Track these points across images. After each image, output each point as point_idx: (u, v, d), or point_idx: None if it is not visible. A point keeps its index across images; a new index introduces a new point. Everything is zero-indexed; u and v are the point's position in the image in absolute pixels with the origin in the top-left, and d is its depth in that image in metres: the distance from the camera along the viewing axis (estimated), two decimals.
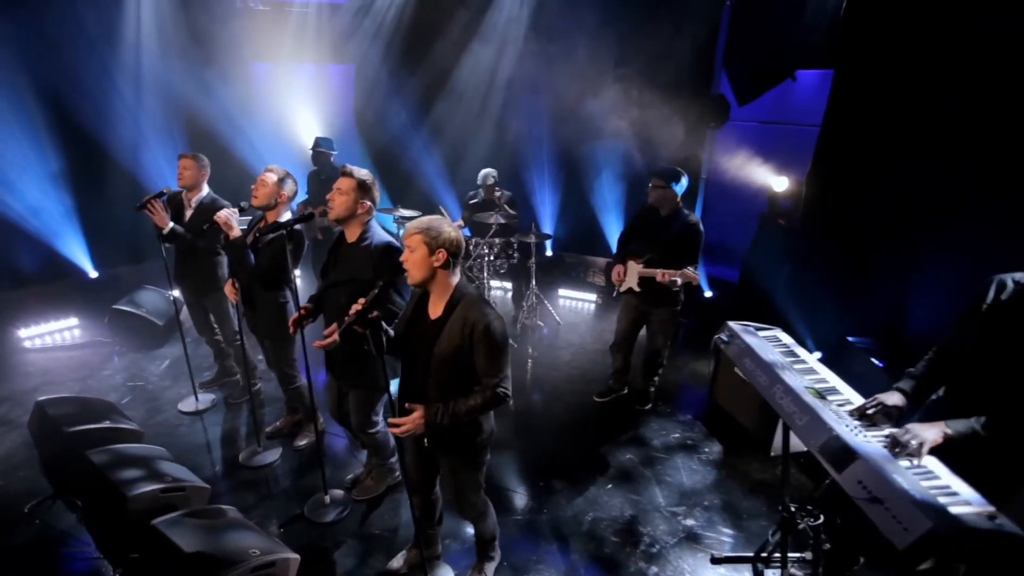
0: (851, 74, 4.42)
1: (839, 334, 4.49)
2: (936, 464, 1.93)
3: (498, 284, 6.50)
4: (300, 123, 7.24)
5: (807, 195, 4.90)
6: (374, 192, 2.78)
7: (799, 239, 5.11)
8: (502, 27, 6.44)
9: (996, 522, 1.67)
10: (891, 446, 1.98)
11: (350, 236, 2.80)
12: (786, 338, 2.96)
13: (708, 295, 6.16)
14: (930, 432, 1.97)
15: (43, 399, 3.51)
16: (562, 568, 2.89)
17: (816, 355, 4.08)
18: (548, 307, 5.89)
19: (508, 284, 6.46)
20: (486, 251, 5.35)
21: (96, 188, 5.93)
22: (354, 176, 2.71)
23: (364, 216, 2.77)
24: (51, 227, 5.75)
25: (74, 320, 5.37)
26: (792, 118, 6.26)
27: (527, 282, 5.73)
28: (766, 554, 2.84)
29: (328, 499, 3.24)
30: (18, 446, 3.71)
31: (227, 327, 4.15)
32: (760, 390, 2.57)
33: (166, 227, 3.66)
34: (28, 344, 5.05)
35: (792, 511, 2.56)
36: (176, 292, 4.19)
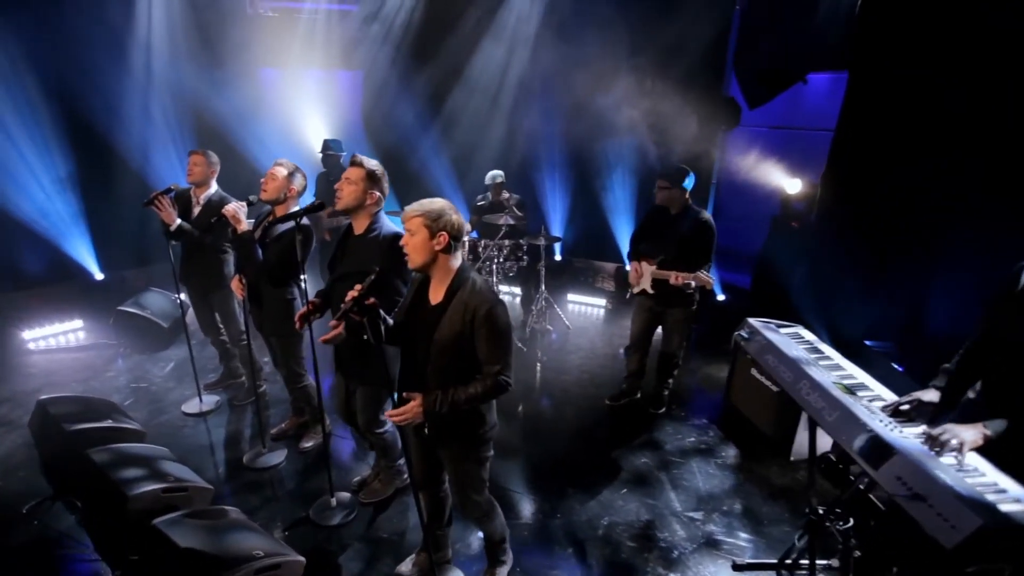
0: (866, 75, 4.37)
1: (857, 338, 4.39)
2: (980, 461, 1.82)
3: (507, 288, 6.43)
4: (309, 128, 7.24)
5: (822, 196, 4.82)
6: (383, 183, 2.72)
7: (814, 241, 5.02)
8: (512, 28, 6.43)
9: None
10: (929, 445, 1.87)
11: (358, 228, 2.74)
12: (808, 335, 2.86)
13: (721, 299, 6.06)
14: (969, 433, 1.87)
15: (45, 398, 3.45)
16: (577, 574, 2.77)
17: None
18: (558, 311, 5.80)
19: (517, 289, 6.39)
20: (495, 253, 5.28)
21: (104, 191, 5.92)
22: (364, 166, 2.65)
23: (373, 207, 2.71)
24: (58, 229, 5.73)
25: (79, 322, 5.33)
26: (802, 123, 6.22)
27: (536, 286, 5.65)
28: (790, 561, 2.73)
29: (334, 502, 3.14)
30: (18, 446, 3.63)
31: (233, 326, 4.08)
32: (784, 386, 2.47)
33: (173, 224, 3.61)
34: (32, 346, 5.00)
35: (820, 514, 2.44)
36: (183, 295, 4.13)
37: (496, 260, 5.27)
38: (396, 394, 2.29)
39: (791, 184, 5.44)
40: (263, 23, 6.85)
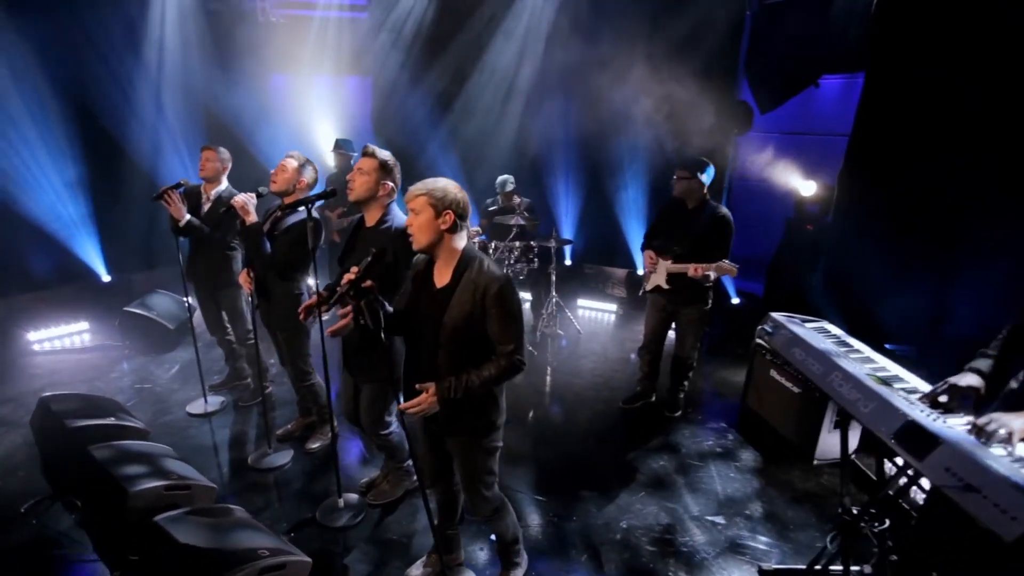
0: (883, 75, 4.31)
1: (876, 342, 4.26)
2: None
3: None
4: (319, 132, 7.24)
5: (839, 197, 4.73)
6: (396, 173, 2.66)
7: (830, 244, 4.92)
8: (522, 33, 6.43)
9: None
10: (976, 435, 1.76)
11: (370, 219, 2.67)
12: (835, 329, 2.77)
13: (735, 301, 5.95)
14: (1018, 422, 1.76)
15: (47, 395, 3.37)
16: None
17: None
18: (569, 315, 5.70)
19: (527, 294, 6.31)
20: (505, 256, 5.20)
21: (113, 193, 5.91)
22: (376, 156, 2.59)
23: (385, 199, 2.64)
24: (66, 231, 5.70)
25: (84, 324, 5.27)
26: (814, 128, 6.16)
27: (547, 290, 5.57)
28: (820, 566, 2.59)
29: (342, 503, 3.03)
30: (18, 446, 3.55)
31: (240, 325, 4.01)
32: (814, 379, 2.36)
33: (182, 219, 3.56)
34: (36, 347, 4.94)
35: (854, 515, 2.32)
36: (191, 299, 4.06)
37: (506, 263, 5.19)
38: (403, 391, 2.21)
39: (805, 186, 5.35)
40: (274, 29, 6.88)
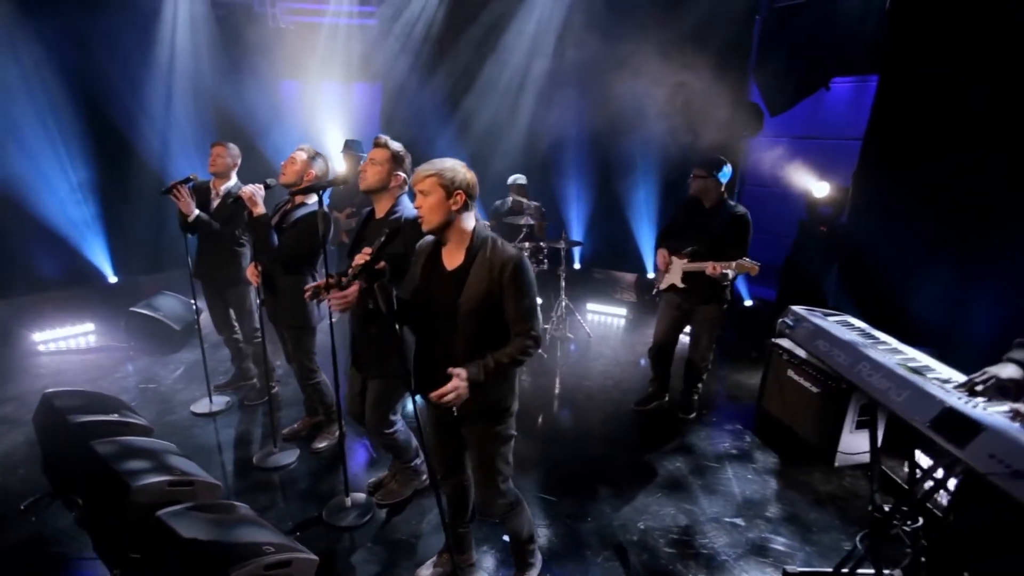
0: (899, 74, 4.25)
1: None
2: None
3: None
4: (328, 138, 7.24)
5: (854, 196, 4.65)
6: (407, 164, 2.61)
7: (846, 245, 4.84)
8: (531, 36, 6.44)
9: None
10: (1021, 422, 1.67)
11: (380, 211, 2.62)
12: (858, 322, 2.67)
13: (748, 304, 5.86)
14: None
15: (51, 391, 3.32)
16: None
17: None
18: (578, 318, 5.62)
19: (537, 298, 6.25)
20: None
21: (121, 195, 5.89)
22: (388, 147, 2.55)
23: (396, 190, 2.60)
24: (74, 232, 5.69)
25: (90, 325, 5.23)
26: (824, 132, 6.11)
27: (556, 293, 5.50)
28: (848, 570, 2.48)
29: (349, 502, 2.94)
30: (20, 444, 3.49)
31: (247, 324, 3.95)
32: (840, 371, 2.27)
33: (191, 214, 3.53)
34: (41, 347, 4.90)
35: (885, 512, 2.21)
36: (197, 302, 4.02)
37: None
38: (414, 379, 2.13)
39: (819, 187, 5.28)
40: (284, 36, 6.92)
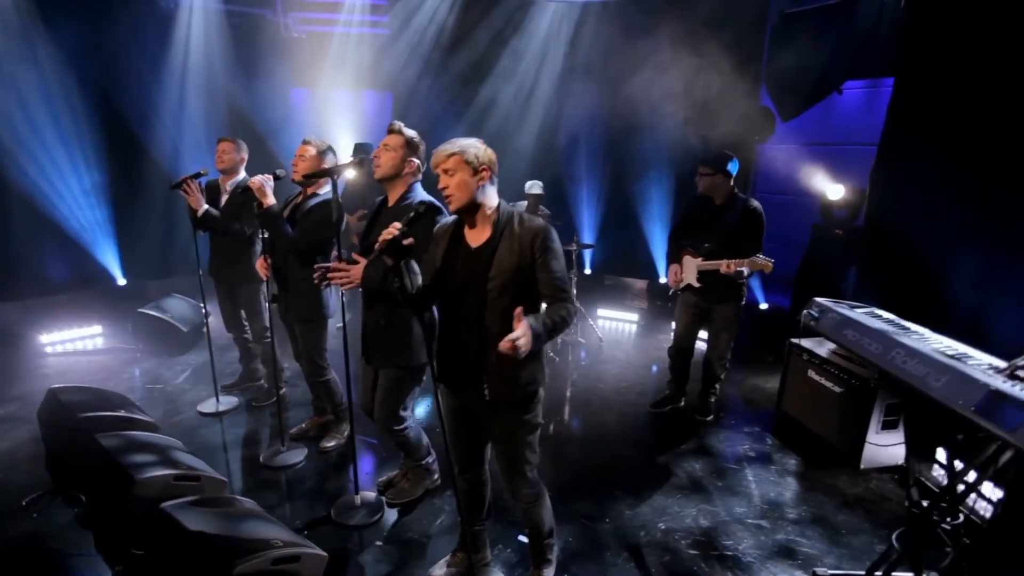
0: (914, 75, 4.20)
1: None
2: None
3: None
4: (339, 143, 7.26)
5: (871, 196, 4.57)
6: (422, 151, 2.57)
7: (864, 248, 4.74)
8: (542, 41, 6.47)
9: None
10: None
11: (392, 198, 2.57)
12: (886, 313, 2.59)
13: (764, 306, 5.76)
14: None
15: (57, 387, 3.26)
16: None
17: None
18: (590, 323, 5.54)
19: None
20: None
21: (132, 200, 5.90)
22: (403, 133, 2.52)
23: (410, 177, 2.55)
24: (85, 236, 5.68)
25: (98, 328, 5.19)
26: (836, 138, 6.07)
27: None
28: (881, 572, 2.36)
29: (359, 500, 2.85)
30: (24, 441, 3.42)
31: (257, 323, 3.89)
32: (872, 359, 2.19)
33: (200, 208, 3.50)
34: (48, 349, 4.86)
35: (924, 507, 2.10)
36: (206, 305, 3.98)
37: None
38: (438, 374, 2.06)
39: (833, 190, 5.22)
40: (295, 44, 6.99)
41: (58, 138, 5.42)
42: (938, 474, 3.07)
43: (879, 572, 2.36)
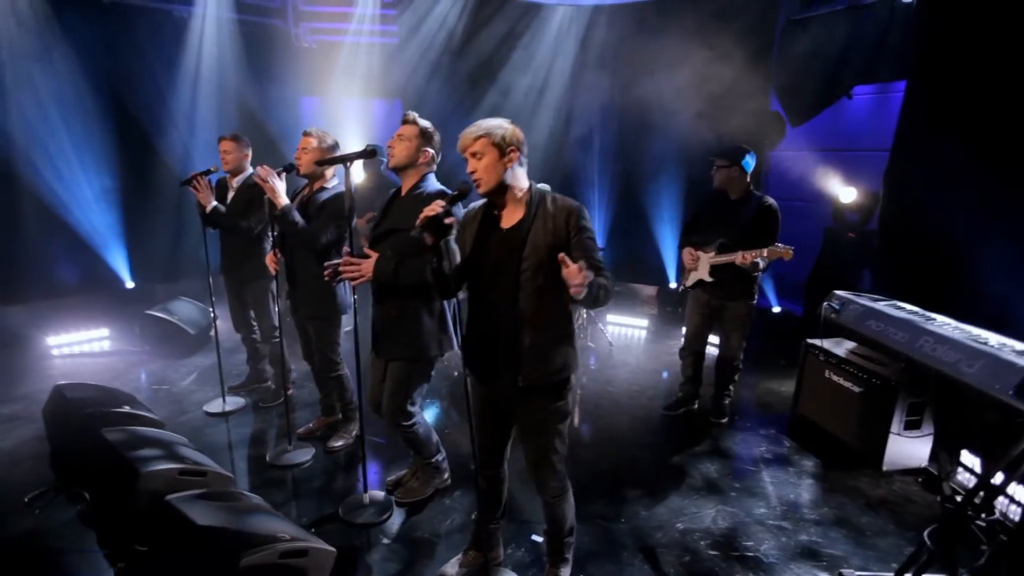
0: (930, 72, 4.17)
1: None
2: None
3: None
4: (349, 149, 7.29)
5: (886, 196, 4.51)
6: (436, 141, 2.55)
7: (880, 251, 4.67)
8: (551, 48, 6.49)
9: None
10: None
11: (405, 187, 2.55)
12: (909, 306, 2.53)
13: (776, 310, 5.68)
14: None
15: (63, 383, 3.22)
16: None
17: None
18: (600, 327, 5.47)
19: None
20: None
21: (143, 204, 5.91)
22: (417, 123, 2.50)
23: (424, 168, 2.53)
24: (95, 240, 5.69)
25: (105, 330, 5.17)
26: (846, 144, 6.03)
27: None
28: (912, 573, 2.26)
29: (367, 499, 2.77)
30: (28, 440, 3.39)
31: (266, 322, 3.85)
32: (899, 348, 2.13)
33: (209, 205, 3.49)
34: (55, 351, 4.84)
35: (957, 501, 2.01)
36: (214, 309, 3.96)
37: None
38: (467, 362, 2.01)
39: (845, 193, 5.17)
40: (305, 54, 7.06)
41: (72, 142, 5.45)
42: (963, 477, 2.98)
43: (909, 574, 2.27)
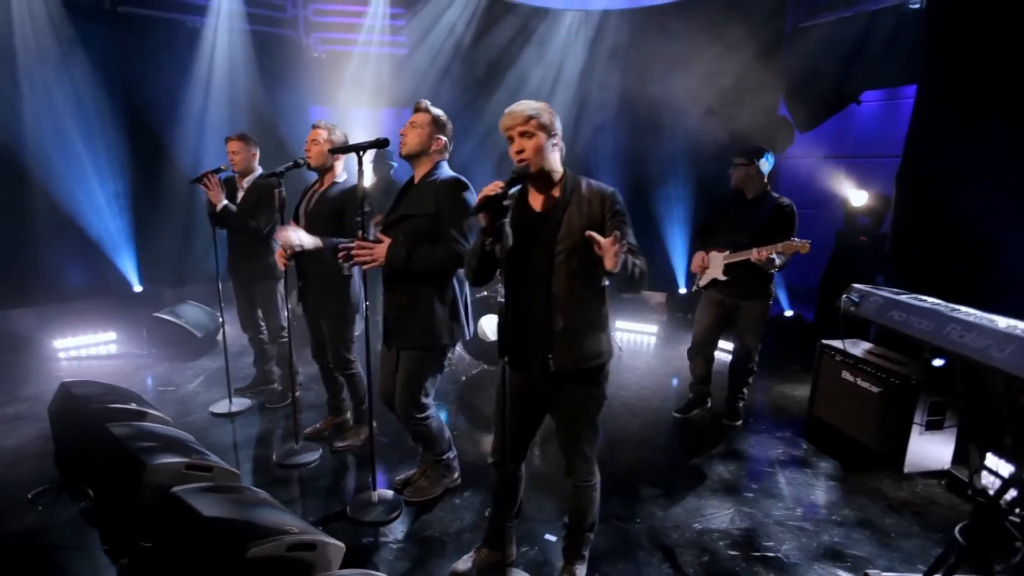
0: (940, 79, 4.15)
1: (952, 361, 3.88)
2: None
3: None
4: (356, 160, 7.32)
5: (899, 198, 4.46)
6: (449, 129, 2.54)
7: (893, 253, 4.61)
8: (559, 54, 6.53)
9: None
10: None
11: (418, 176, 2.52)
12: (929, 298, 2.47)
13: (789, 314, 5.61)
14: None
15: (69, 380, 3.20)
16: None
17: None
18: (609, 332, 5.41)
19: None
20: None
21: (153, 209, 5.94)
22: (430, 111, 2.49)
23: (437, 155, 2.51)
24: (105, 244, 5.70)
25: (112, 334, 5.16)
26: (854, 150, 6.02)
27: None
28: (941, 574, 2.17)
29: (376, 498, 2.71)
30: (33, 438, 3.35)
31: (273, 322, 3.82)
32: (924, 337, 2.06)
33: (219, 203, 3.49)
34: (62, 355, 4.82)
35: (991, 495, 1.94)
36: (222, 315, 3.95)
37: None
38: (502, 349, 1.94)
39: (856, 196, 5.13)
40: (315, 63, 7.14)
41: (85, 148, 5.50)
42: (988, 481, 2.89)
43: (938, 574, 2.18)
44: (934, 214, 4.12)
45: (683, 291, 6.26)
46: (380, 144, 2.43)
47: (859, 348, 3.50)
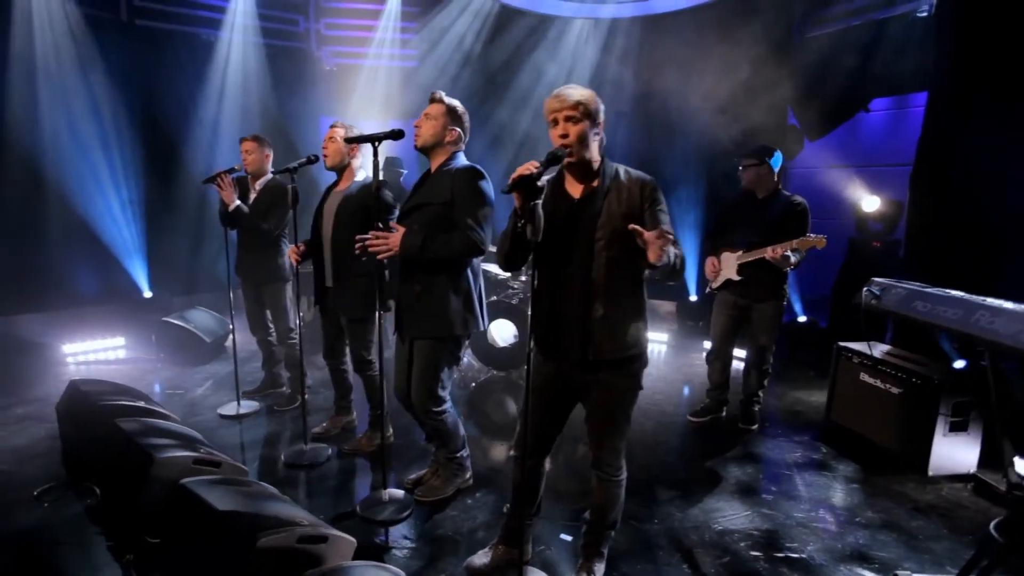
0: (949, 86, 4.15)
1: (974, 362, 3.80)
2: None
3: None
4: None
5: (912, 203, 4.42)
6: (465, 121, 2.53)
7: (907, 257, 4.56)
8: (568, 62, 6.58)
9: None
10: None
11: (433, 167, 2.52)
12: (955, 291, 2.42)
13: (802, 319, 5.54)
14: None
15: (77, 379, 3.17)
16: None
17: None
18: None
19: None
20: None
21: (164, 216, 5.98)
22: (444, 102, 2.49)
23: (452, 147, 2.50)
24: (117, 251, 5.74)
25: (121, 339, 5.15)
26: (864, 159, 6.00)
27: None
28: (977, 572, 2.08)
29: (386, 496, 2.65)
30: (40, 438, 3.32)
31: (282, 324, 3.80)
32: (951, 325, 2.02)
33: (232, 203, 3.49)
34: (71, 359, 4.81)
35: None
36: (232, 322, 3.93)
37: None
38: (535, 342, 1.94)
39: (869, 202, 5.10)
40: (327, 76, 7.24)
41: (99, 156, 5.57)
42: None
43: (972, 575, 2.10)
44: (949, 217, 4.08)
45: (694, 299, 6.20)
46: (395, 135, 2.42)
47: (877, 350, 3.44)
